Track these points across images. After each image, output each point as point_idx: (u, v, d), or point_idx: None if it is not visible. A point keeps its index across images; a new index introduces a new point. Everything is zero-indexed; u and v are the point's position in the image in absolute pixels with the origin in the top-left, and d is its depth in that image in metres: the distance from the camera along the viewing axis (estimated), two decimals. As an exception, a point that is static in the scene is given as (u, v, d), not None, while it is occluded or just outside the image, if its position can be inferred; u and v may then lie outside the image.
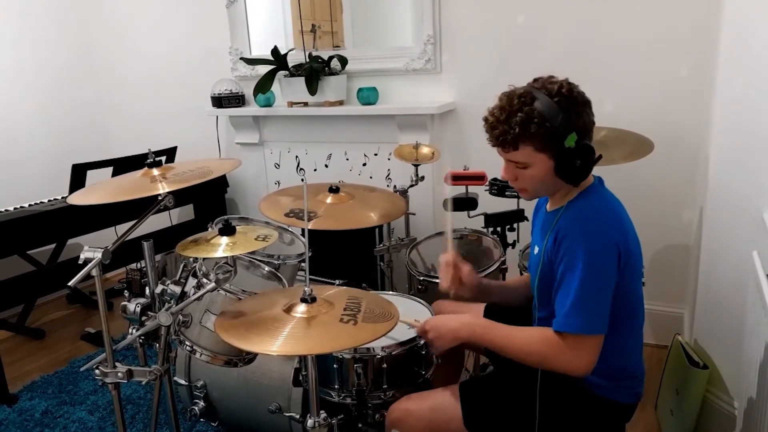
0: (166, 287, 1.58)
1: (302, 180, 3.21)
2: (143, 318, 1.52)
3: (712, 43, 2.22)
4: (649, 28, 2.41)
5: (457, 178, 2.27)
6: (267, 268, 1.92)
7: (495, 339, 1.38)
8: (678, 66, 2.40)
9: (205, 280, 1.56)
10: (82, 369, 1.56)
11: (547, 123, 1.24)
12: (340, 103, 3.02)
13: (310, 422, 1.37)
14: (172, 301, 1.55)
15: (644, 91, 2.47)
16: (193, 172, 1.56)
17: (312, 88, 2.89)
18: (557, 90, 1.27)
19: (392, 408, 1.51)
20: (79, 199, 1.51)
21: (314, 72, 2.89)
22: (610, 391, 1.38)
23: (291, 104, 3.08)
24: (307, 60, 2.96)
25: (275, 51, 2.97)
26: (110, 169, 2.87)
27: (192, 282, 1.62)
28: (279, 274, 1.90)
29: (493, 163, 2.41)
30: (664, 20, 2.38)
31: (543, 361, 1.31)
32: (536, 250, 1.44)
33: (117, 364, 1.50)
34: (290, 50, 3.03)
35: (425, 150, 2.43)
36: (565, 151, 1.27)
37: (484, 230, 2.28)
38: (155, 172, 1.55)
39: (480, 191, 2.29)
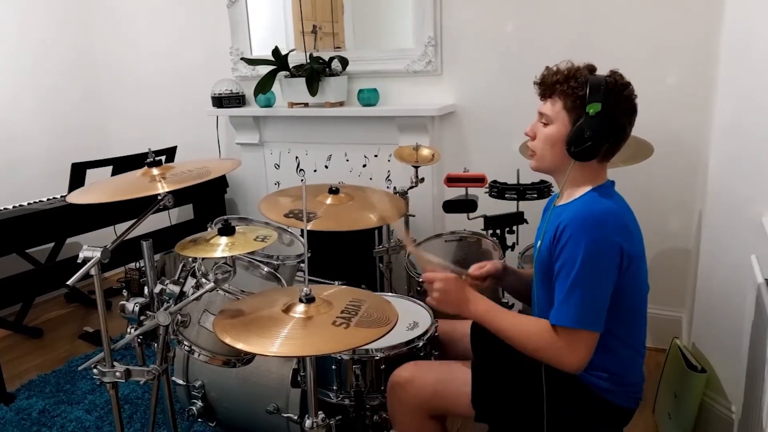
0: (164, 287, 1.58)
1: (302, 181, 3.21)
2: (142, 317, 1.52)
3: (712, 48, 2.23)
4: (650, 32, 2.41)
5: (456, 180, 2.27)
6: (266, 269, 1.92)
7: (498, 322, 1.37)
8: (678, 70, 2.40)
9: (204, 280, 1.56)
10: (80, 368, 1.55)
11: (587, 87, 1.31)
12: (341, 104, 3.02)
13: (308, 423, 1.37)
14: (170, 301, 1.55)
15: (644, 95, 2.42)
16: (191, 172, 1.57)
17: (312, 89, 2.89)
18: (613, 74, 1.36)
19: (397, 372, 1.50)
20: (78, 198, 1.51)
21: (315, 73, 2.89)
22: (612, 393, 1.37)
23: (291, 105, 3.08)
24: (308, 61, 2.96)
25: (276, 51, 2.97)
26: (110, 168, 2.87)
27: (191, 282, 1.62)
28: (278, 275, 1.90)
29: (492, 165, 2.43)
30: (664, 24, 2.39)
31: (537, 352, 1.32)
32: (538, 244, 1.44)
33: (115, 363, 1.49)
34: (291, 51, 3.03)
35: (425, 152, 2.44)
36: (583, 119, 1.31)
37: (484, 232, 2.28)
38: (154, 171, 1.56)
39: (480, 193, 2.29)
